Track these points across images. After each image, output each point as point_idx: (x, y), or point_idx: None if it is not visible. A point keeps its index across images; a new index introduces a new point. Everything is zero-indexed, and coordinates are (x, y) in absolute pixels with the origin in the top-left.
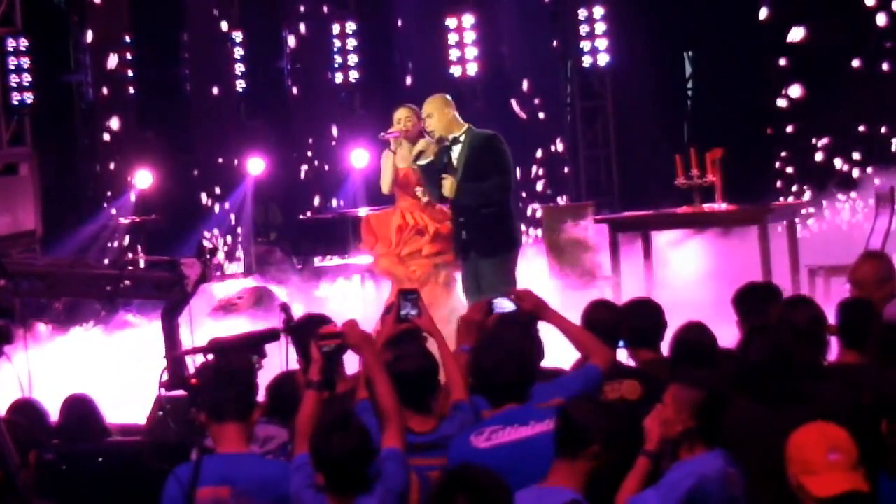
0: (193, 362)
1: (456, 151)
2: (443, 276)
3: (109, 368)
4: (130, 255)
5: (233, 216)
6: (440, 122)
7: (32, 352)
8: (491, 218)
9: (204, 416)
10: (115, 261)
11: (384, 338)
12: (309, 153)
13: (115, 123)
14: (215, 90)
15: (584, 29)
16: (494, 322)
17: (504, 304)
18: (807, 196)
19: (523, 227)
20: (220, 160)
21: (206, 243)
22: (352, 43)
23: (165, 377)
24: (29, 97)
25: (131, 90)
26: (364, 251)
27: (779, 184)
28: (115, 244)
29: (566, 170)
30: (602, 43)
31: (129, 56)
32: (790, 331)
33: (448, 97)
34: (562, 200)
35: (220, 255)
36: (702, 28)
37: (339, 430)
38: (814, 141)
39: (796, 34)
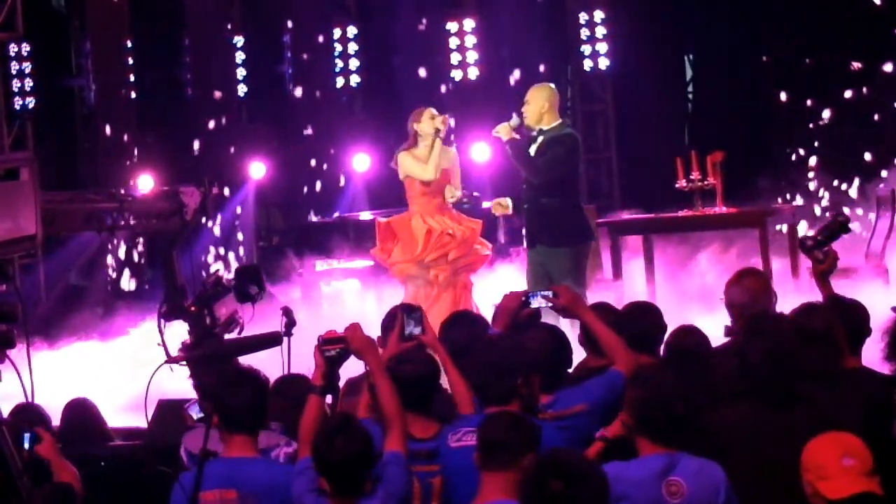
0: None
1: (537, 143)
2: (461, 280)
3: (109, 373)
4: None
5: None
6: (533, 111)
7: (35, 357)
8: (551, 208)
9: (216, 420)
10: (112, 193)
11: (388, 356)
12: (310, 157)
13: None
14: (217, 94)
15: (584, 32)
16: (506, 322)
17: (540, 298)
18: (805, 198)
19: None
20: (222, 164)
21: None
22: (353, 47)
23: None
24: (30, 102)
25: (132, 94)
26: (377, 255)
27: (780, 186)
28: (117, 248)
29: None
30: (602, 46)
31: (130, 60)
32: (790, 333)
33: (553, 89)
34: None
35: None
36: (702, 31)
37: (342, 434)
38: (814, 143)
39: None
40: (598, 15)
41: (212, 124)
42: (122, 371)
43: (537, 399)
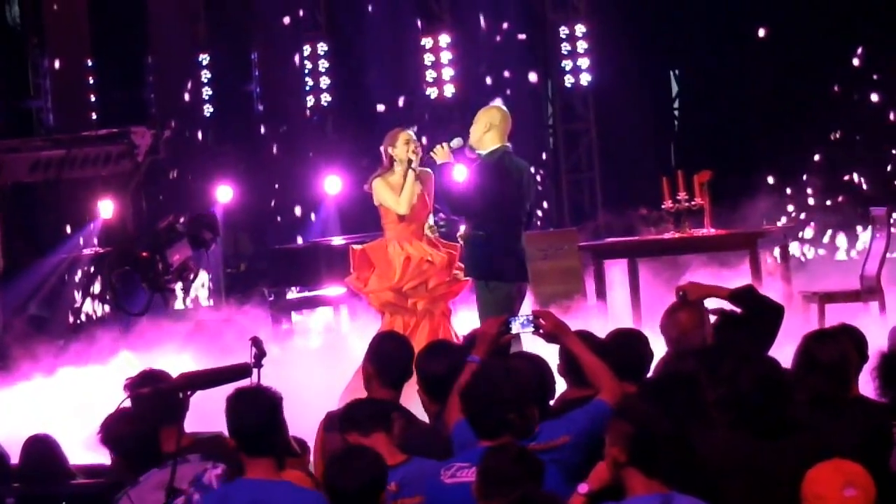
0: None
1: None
2: (440, 307)
3: (70, 407)
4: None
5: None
6: (474, 132)
7: None
8: (474, 238)
9: (234, 444)
10: (58, 139)
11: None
12: (279, 180)
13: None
14: (181, 114)
15: (565, 47)
16: (489, 354)
17: (521, 324)
18: (799, 218)
19: None
20: (188, 188)
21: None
22: (323, 64)
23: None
24: None
25: (94, 115)
26: (353, 284)
27: (770, 207)
28: (79, 276)
29: (547, 195)
30: (584, 62)
31: (91, 80)
32: (777, 362)
33: (502, 112)
34: (543, 227)
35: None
36: (689, 45)
37: (353, 461)
38: (806, 162)
39: None
40: (580, 28)
41: (176, 146)
42: (83, 405)
43: (532, 430)
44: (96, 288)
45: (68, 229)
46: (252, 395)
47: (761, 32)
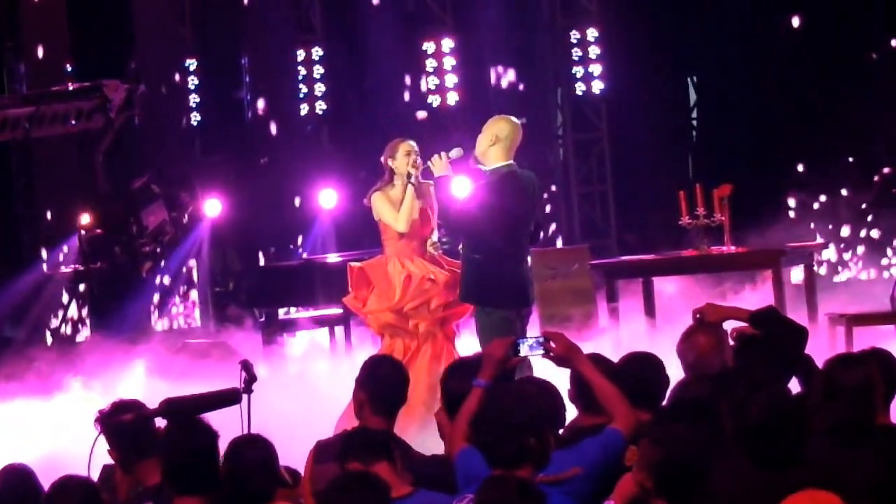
0: None
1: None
2: (444, 330)
3: (46, 434)
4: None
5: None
6: (479, 143)
7: None
8: (470, 260)
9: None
10: (27, 96)
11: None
12: (271, 193)
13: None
14: (168, 123)
15: (576, 53)
16: (492, 383)
17: (530, 346)
18: (829, 232)
19: None
20: (174, 200)
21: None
22: (318, 70)
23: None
24: None
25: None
26: (351, 303)
27: (795, 222)
28: (59, 295)
29: (558, 209)
30: (596, 68)
31: (70, 86)
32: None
33: (513, 125)
34: (553, 243)
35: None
36: (707, 49)
37: (355, 486)
38: (835, 174)
39: None
40: (592, 33)
41: (161, 156)
42: (60, 432)
43: (549, 459)
44: (73, 309)
45: (48, 214)
46: (186, 429)
47: (785, 33)
